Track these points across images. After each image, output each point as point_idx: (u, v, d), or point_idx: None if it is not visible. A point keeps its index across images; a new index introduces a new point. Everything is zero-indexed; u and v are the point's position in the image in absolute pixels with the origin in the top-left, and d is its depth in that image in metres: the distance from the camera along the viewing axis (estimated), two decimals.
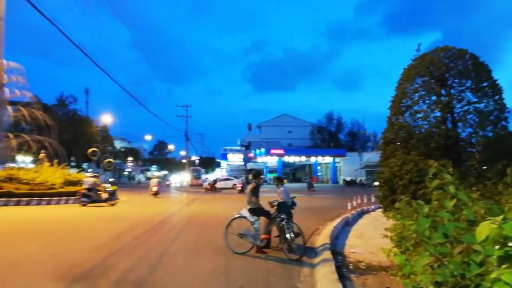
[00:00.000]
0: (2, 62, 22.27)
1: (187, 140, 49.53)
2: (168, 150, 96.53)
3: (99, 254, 6.63)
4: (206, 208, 16.84)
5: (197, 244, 7.83)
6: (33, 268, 5.55)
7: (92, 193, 17.11)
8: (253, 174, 7.66)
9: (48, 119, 23.10)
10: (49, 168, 21.59)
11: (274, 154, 54.20)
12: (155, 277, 5.25)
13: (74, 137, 41.41)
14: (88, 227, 10.72)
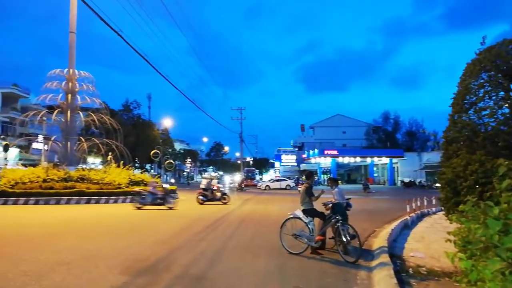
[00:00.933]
0: (75, 72, 24.32)
1: (241, 141, 50.41)
2: (224, 151, 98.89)
3: (162, 249, 7.05)
4: (260, 208, 17.06)
5: (253, 243, 8.00)
6: (105, 261, 6.04)
7: (208, 193, 18.36)
8: (306, 175, 7.67)
9: (115, 123, 24.76)
10: (116, 169, 23.15)
11: (328, 155, 53.32)
12: (214, 273, 5.48)
13: (137, 140, 43.94)
14: (151, 224, 11.37)
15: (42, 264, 5.72)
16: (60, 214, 13.89)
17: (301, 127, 76.02)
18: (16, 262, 5.80)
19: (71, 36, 23.82)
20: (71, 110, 24.02)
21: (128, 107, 52.83)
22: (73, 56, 23.96)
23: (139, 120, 53.00)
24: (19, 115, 38.66)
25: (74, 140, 24.44)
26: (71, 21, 23.76)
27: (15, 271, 5.28)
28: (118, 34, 10.49)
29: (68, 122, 23.86)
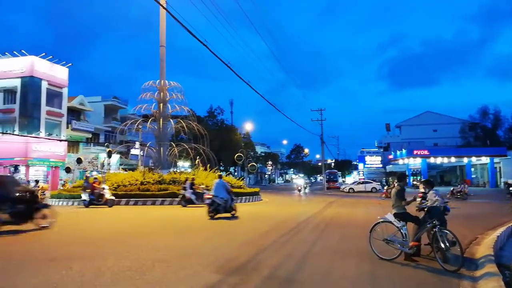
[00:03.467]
0: (165, 82, 26.30)
1: (322, 143, 49.57)
2: (304, 153, 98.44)
3: (250, 250, 7.23)
4: (345, 211, 16.59)
5: (340, 247, 7.80)
6: (199, 259, 6.38)
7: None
8: (397, 177, 7.24)
9: (201, 129, 26.19)
10: (203, 172, 24.42)
11: (418, 155, 49.81)
12: (302, 275, 5.45)
13: (222, 144, 45.87)
14: (238, 225, 11.74)
15: (143, 261, 6.24)
16: (156, 214, 15.08)
17: (386, 126, 72.22)
18: (121, 258, 6.41)
19: (161, 50, 25.80)
20: (163, 118, 26.00)
21: (213, 113, 55.54)
22: (163, 68, 25.94)
23: (222, 125, 55.38)
24: (119, 125, 42.95)
25: (166, 146, 26.41)
26: (161, 36, 25.75)
27: (120, 266, 5.83)
28: (203, 45, 11.08)
29: (160, 129, 25.87)
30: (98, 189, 18.17)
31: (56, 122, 41.54)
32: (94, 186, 18.29)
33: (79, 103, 47.16)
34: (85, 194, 18.27)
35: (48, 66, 40.45)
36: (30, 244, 8.20)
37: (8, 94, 39.15)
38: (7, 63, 39.27)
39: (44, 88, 39.80)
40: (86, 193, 18.23)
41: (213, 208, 12.95)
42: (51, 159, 39.33)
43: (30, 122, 38.16)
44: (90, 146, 47.24)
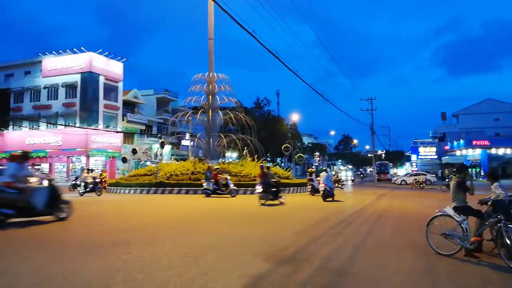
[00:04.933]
0: (214, 75, 26.76)
1: (372, 133, 48.02)
2: (353, 144, 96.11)
3: (300, 240, 7.22)
4: (397, 204, 16.03)
5: (393, 240, 7.55)
6: (250, 248, 6.48)
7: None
8: (457, 168, 6.83)
9: (249, 120, 26.43)
10: (250, 162, 24.69)
11: (477, 145, 46.76)
12: (355, 268, 5.35)
13: (268, 135, 46.02)
14: (288, 215, 11.78)
15: (197, 247, 6.45)
16: (207, 203, 15.51)
17: (442, 115, 68.37)
18: (177, 245, 6.67)
19: (210, 42, 26.21)
20: (212, 109, 26.53)
21: (259, 104, 55.79)
22: (212, 60, 26.38)
23: (269, 116, 55.47)
24: (170, 117, 44.50)
25: (215, 137, 26.97)
26: (209, 29, 26.15)
27: (176, 252, 6.07)
28: (252, 35, 11.10)
29: (209, 120, 26.45)
30: (221, 178, 18.15)
31: (113, 115, 43.89)
32: (217, 176, 18.20)
33: (133, 96, 49.42)
34: (208, 184, 18.31)
35: (104, 62, 42.72)
36: (92, 230, 8.77)
37: (70, 89, 41.91)
38: (68, 60, 41.97)
39: (101, 82, 42.14)
40: (210, 183, 18.26)
41: (325, 194, 16.39)
42: (109, 150, 41.74)
43: (89, 115, 40.65)
44: (144, 137, 49.49)
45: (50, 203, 8.80)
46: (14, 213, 8.19)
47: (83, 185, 19.74)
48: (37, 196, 8.57)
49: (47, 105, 42.60)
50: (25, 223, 8.60)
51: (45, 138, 41.15)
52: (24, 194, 8.28)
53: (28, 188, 8.48)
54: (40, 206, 8.56)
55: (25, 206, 8.26)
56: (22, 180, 8.42)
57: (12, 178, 8.25)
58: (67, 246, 6.61)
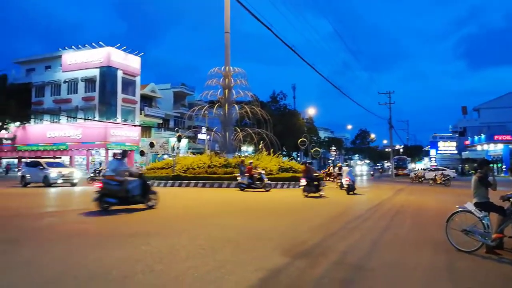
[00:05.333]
0: (230, 69, 26.77)
1: (390, 127, 47.32)
2: (370, 139, 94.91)
3: (317, 235, 7.20)
4: (415, 199, 15.80)
5: (411, 236, 7.46)
6: (266, 241, 6.50)
7: None
8: (478, 163, 6.67)
9: (265, 114, 26.40)
10: (267, 156, 24.69)
11: (499, 140, 45.59)
12: (372, 263, 5.31)
13: (284, 129, 45.86)
14: (304, 209, 11.75)
15: (214, 240, 6.51)
16: (223, 196, 15.63)
17: (463, 109, 66.78)
18: (194, 237, 6.75)
19: (226, 36, 26.20)
20: (228, 103, 26.59)
21: (275, 98, 55.60)
22: (228, 54, 26.39)
23: (285, 110, 55.23)
24: (187, 110, 44.80)
25: (231, 131, 27.06)
26: (226, 22, 26.12)
27: (193, 244, 6.14)
28: (268, 29, 11.04)
29: (226, 114, 26.52)
30: (256, 173, 18.10)
31: (131, 109, 44.49)
32: (251, 170, 18.15)
33: (151, 90, 49.96)
34: (242, 178, 18.27)
35: (122, 56, 43.25)
36: (115, 222, 8.95)
37: (89, 83, 42.64)
38: (87, 55, 42.66)
39: (119, 77, 42.72)
40: (244, 177, 18.22)
41: (349, 188, 17.25)
42: (127, 143, 42.39)
43: (108, 108, 41.31)
44: (161, 131, 50.05)
45: (143, 193, 10.11)
46: (116, 201, 9.71)
47: None
48: (133, 188, 9.90)
49: (67, 99, 43.49)
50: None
51: (66, 132, 42.08)
52: (123, 186, 9.74)
53: (126, 181, 9.85)
54: (135, 196, 9.93)
55: (124, 195, 9.72)
56: (121, 174, 9.86)
57: (113, 173, 9.78)
58: (89, 237, 6.78)
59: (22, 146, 44.56)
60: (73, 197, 15.78)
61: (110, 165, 10.17)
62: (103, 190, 9.64)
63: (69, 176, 21.87)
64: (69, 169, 23.20)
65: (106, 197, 9.64)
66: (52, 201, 14.39)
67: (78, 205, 12.11)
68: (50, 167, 21.81)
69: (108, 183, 9.66)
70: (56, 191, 18.32)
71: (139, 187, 10.09)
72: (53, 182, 21.03)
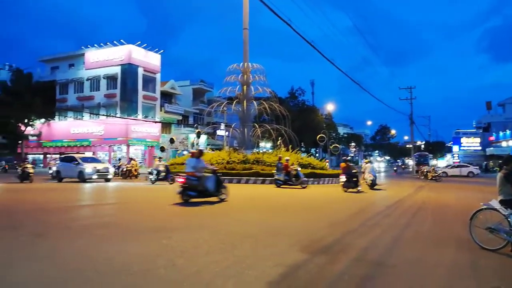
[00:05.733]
0: (248, 65, 26.78)
1: (411, 123, 46.43)
2: (390, 135, 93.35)
3: (336, 231, 7.17)
4: (436, 196, 15.48)
5: (433, 233, 7.33)
6: (285, 237, 6.52)
7: None
8: (504, 160, 6.48)
9: (283, 110, 26.31)
10: (285, 152, 24.63)
11: None
12: (393, 260, 5.25)
13: (303, 125, 45.67)
14: (323, 205, 11.71)
15: (233, 235, 6.57)
16: (243, 192, 15.70)
17: (487, 104, 64.82)
18: (215, 233, 6.83)
19: (245, 32, 26.20)
20: (247, 100, 26.63)
21: (294, 94, 55.38)
22: (246, 50, 26.40)
23: (304, 106, 54.97)
24: (206, 107, 45.18)
25: (250, 127, 27.12)
26: (244, 18, 26.12)
27: (214, 239, 6.21)
28: (287, 24, 10.99)
29: (244, 111, 26.58)
30: (292, 170, 18.07)
31: (151, 105, 45.14)
32: (288, 167, 18.10)
33: (171, 87, 50.53)
34: (279, 174, 18.20)
35: (143, 54, 43.88)
36: (132, 215, 9.14)
37: (110, 81, 43.48)
38: (109, 53, 43.47)
39: (140, 74, 43.38)
40: (281, 174, 18.16)
41: (372, 183, 17.76)
42: (147, 139, 43.08)
43: (129, 105, 42.04)
44: (181, 127, 50.61)
45: (217, 187, 11.26)
46: (196, 194, 10.90)
47: (155, 173, 20.10)
48: (209, 183, 11.07)
49: (89, 96, 44.49)
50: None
51: (88, 128, 43.09)
52: (201, 181, 10.94)
53: (204, 177, 11.04)
54: (211, 190, 11.08)
55: (202, 189, 10.94)
56: (199, 171, 11.05)
57: (193, 169, 10.98)
58: (111, 230, 6.95)
59: (47, 142, 45.91)
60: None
61: (189, 163, 11.30)
62: (185, 185, 10.83)
63: (104, 172, 21.91)
64: (104, 165, 23.39)
65: (188, 190, 10.87)
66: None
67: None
68: (85, 163, 21.92)
69: (189, 178, 10.85)
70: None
71: (214, 182, 11.24)
72: (88, 177, 21.16)
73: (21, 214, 9.17)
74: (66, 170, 21.92)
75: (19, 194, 14.49)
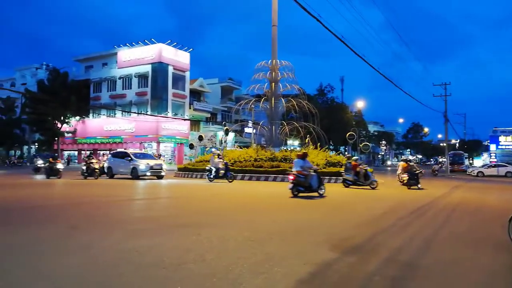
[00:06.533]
0: (277, 62, 26.68)
1: (446, 121, 44.75)
2: (423, 133, 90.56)
3: (366, 231, 7.02)
4: (474, 197, 14.88)
5: (470, 235, 7.04)
6: (313, 236, 6.44)
7: None
8: None
9: (311, 107, 26.07)
10: (313, 150, 24.39)
11: None
12: (427, 261, 5.08)
13: (331, 122, 45.11)
14: (352, 204, 11.53)
15: (261, 232, 6.56)
16: (270, 190, 15.71)
17: None
18: (243, 229, 6.85)
19: (273, 29, 26.11)
20: (275, 97, 26.55)
21: (322, 91, 54.78)
22: (275, 47, 26.30)
23: (333, 103, 54.28)
24: (234, 105, 45.46)
25: (278, 124, 27.04)
26: (273, 15, 26.02)
27: (242, 236, 6.23)
28: (317, 20, 10.85)
29: (272, 108, 26.52)
30: (361, 170, 17.59)
31: (180, 103, 45.92)
32: (356, 167, 17.77)
33: (199, 85, 51.19)
34: (347, 174, 17.88)
35: (173, 52, 44.66)
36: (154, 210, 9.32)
37: (142, 79, 44.56)
38: (140, 52, 44.54)
39: (170, 72, 44.20)
40: (350, 173, 17.78)
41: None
42: (177, 137, 43.87)
43: (159, 103, 42.95)
44: (209, 125, 51.22)
45: (318, 184, 12.77)
46: (303, 190, 12.50)
47: (214, 171, 19.19)
48: (313, 180, 12.59)
49: (122, 94, 45.79)
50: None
51: (121, 125, 44.38)
52: (307, 179, 12.49)
53: (309, 175, 12.58)
54: (314, 186, 12.63)
55: (307, 185, 12.54)
56: (306, 170, 12.61)
57: (301, 169, 12.54)
58: (140, 225, 7.12)
59: (82, 139, 47.67)
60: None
61: (297, 163, 12.84)
62: (294, 181, 12.39)
63: (157, 169, 20.95)
64: (156, 161, 22.52)
65: (298, 186, 12.40)
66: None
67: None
68: (137, 158, 21.09)
69: (298, 176, 12.43)
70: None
71: (316, 179, 12.73)
72: (142, 174, 20.33)
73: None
74: (118, 166, 21.17)
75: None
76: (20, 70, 59.50)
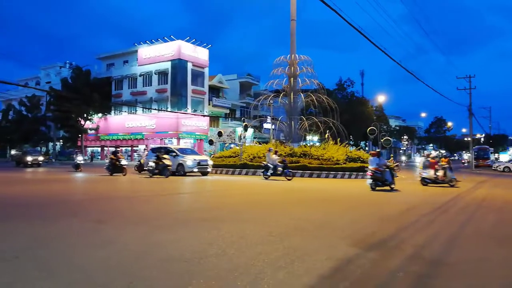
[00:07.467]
0: (296, 56, 26.49)
1: (470, 115, 43.49)
2: (446, 127, 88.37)
3: (388, 227, 6.91)
4: (501, 193, 14.44)
5: (497, 232, 6.84)
6: (335, 232, 6.39)
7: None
8: None
9: (331, 102, 25.78)
10: (333, 146, 24.16)
11: None
12: (452, 258, 4.96)
13: (352, 117, 44.52)
14: (374, 200, 11.33)
15: (282, 227, 6.55)
16: (289, 185, 15.65)
17: None
18: (263, 224, 6.85)
19: (292, 24, 25.92)
20: (293, 92, 26.41)
21: (342, 86, 54.06)
22: (293, 42, 26.12)
23: (353, 97, 53.55)
24: (252, 100, 45.48)
25: (297, 120, 26.90)
26: (292, 9, 25.83)
27: (263, 231, 6.23)
28: (337, 13, 10.69)
29: (291, 103, 26.39)
30: (439, 167, 16.44)
31: (199, 100, 46.26)
32: (435, 164, 16.75)
33: (218, 81, 51.41)
34: (425, 172, 16.72)
35: (192, 49, 44.96)
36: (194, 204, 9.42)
37: (161, 76, 45.08)
38: (160, 49, 45.02)
39: (189, 69, 44.54)
40: (427, 172, 16.69)
41: None
42: (197, 133, 44.25)
43: (179, 99, 43.38)
44: (228, 120, 51.43)
45: (391, 179, 13.99)
46: (381, 184, 13.71)
47: (271, 168, 18.39)
48: (387, 175, 13.81)
49: (142, 91, 46.47)
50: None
51: (142, 122, 45.09)
52: (383, 174, 13.69)
53: (385, 171, 13.73)
54: (389, 181, 13.81)
55: (383, 180, 13.71)
56: (381, 166, 13.81)
57: (377, 166, 13.75)
58: (163, 219, 7.22)
59: (104, 135, 48.70)
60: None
61: (373, 161, 13.94)
62: (373, 177, 13.69)
63: (204, 164, 20.15)
64: (202, 157, 21.79)
65: (376, 181, 13.69)
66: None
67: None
68: (183, 154, 20.33)
69: (375, 172, 13.68)
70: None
71: (390, 175, 13.91)
72: (189, 170, 19.38)
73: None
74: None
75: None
76: (44, 69, 61.16)
